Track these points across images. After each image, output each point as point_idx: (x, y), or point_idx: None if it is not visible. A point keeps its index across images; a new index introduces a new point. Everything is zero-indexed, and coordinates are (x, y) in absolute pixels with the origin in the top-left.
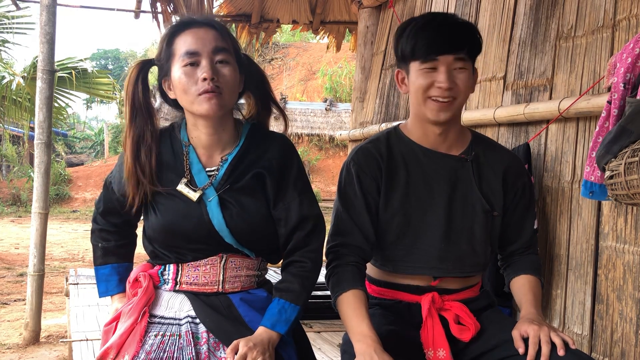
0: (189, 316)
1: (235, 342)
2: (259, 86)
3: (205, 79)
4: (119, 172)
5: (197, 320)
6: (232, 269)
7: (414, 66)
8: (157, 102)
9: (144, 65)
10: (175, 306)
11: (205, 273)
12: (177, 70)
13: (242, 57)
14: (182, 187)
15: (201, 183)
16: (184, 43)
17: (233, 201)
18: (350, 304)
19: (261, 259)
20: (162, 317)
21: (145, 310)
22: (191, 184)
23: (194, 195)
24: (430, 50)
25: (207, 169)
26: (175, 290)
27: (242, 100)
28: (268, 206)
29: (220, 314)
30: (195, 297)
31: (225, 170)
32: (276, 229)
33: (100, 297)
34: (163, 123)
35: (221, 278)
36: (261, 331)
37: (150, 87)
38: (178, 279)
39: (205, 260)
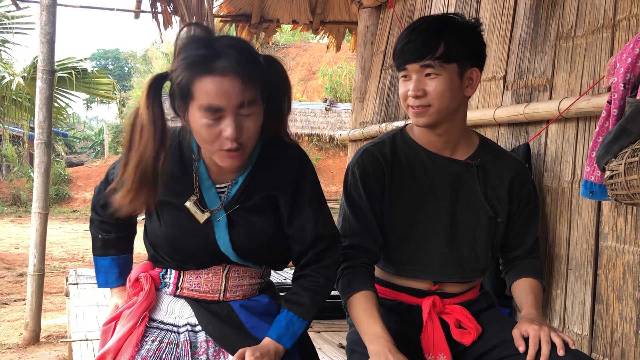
0: (188, 324)
1: (241, 350)
2: (275, 98)
3: (228, 139)
4: None
5: (197, 329)
6: (234, 279)
7: (399, 75)
8: None
9: (158, 83)
10: (175, 312)
11: (207, 281)
12: (198, 118)
13: (264, 70)
14: (190, 205)
15: (210, 201)
16: (206, 93)
17: (241, 221)
18: (362, 305)
19: (265, 266)
20: (161, 322)
21: (145, 315)
22: (200, 202)
23: (201, 217)
24: (399, 60)
25: (217, 186)
26: (176, 295)
27: None
28: (277, 224)
29: (223, 322)
30: (196, 304)
31: (236, 191)
32: (283, 245)
33: (99, 287)
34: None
35: (223, 287)
36: (267, 342)
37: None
38: (179, 284)
39: (208, 269)
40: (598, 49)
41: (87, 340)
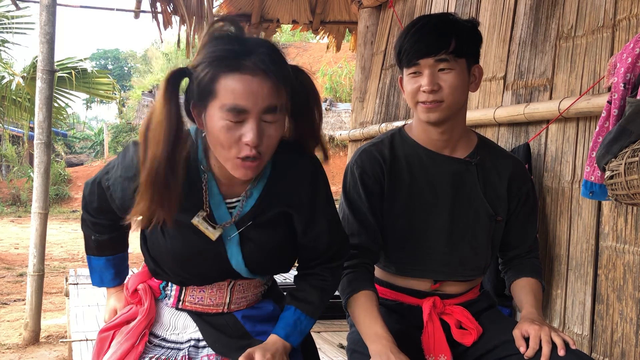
0: (192, 339)
1: (249, 350)
2: (306, 111)
3: (248, 145)
4: (121, 187)
5: (201, 344)
6: (239, 292)
7: (404, 72)
8: None
9: (177, 78)
10: (178, 327)
11: (211, 295)
12: (217, 119)
13: (292, 78)
14: (199, 221)
15: (220, 217)
16: (232, 92)
17: (253, 237)
18: (362, 305)
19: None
20: (163, 340)
21: (145, 334)
22: (209, 218)
23: (213, 233)
24: (411, 56)
25: (227, 201)
26: (177, 308)
27: None
28: (291, 237)
29: (228, 335)
30: (199, 318)
31: (252, 206)
32: (294, 253)
33: (93, 285)
34: None
35: (227, 300)
36: (275, 340)
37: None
38: (181, 297)
39: (212, 285)
40: (598, 49)
41: (86, 340)
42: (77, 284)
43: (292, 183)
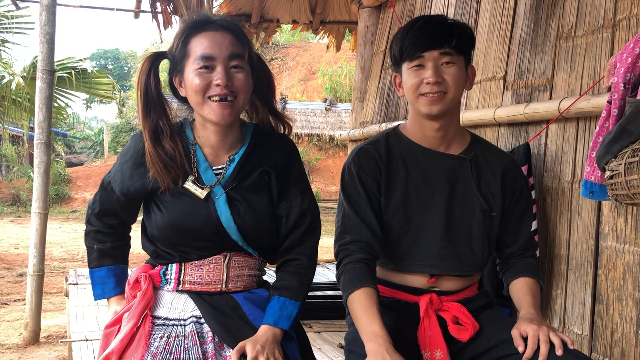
0: (193, 316)
1: (241, 343)
2: (264, 89)
3: (218, 85)
4: (120, 172)
5: (202, 320)
6: (235, 268)
7: (405, 67)
8: None
9: (156, 58)
10: (179, 307)
11: (209, 272)
12: (191, 72)
13: (254, 57)
14: (189, 185)
15: (208, 181)
16: (200, 45)
17: (240, 199)
18: (361, 303)
19: (262, 259)
20: (166, 319)
21: (146, 314)
22: (198, 181)
23: (201, 193)
24: (415, 48)
25: (214, 168)
26: (178, 291)
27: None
28: (272, 204)
29: (225, 315)
30: (199, 298)
31: (233, 168)
32: (277, 228)
33: (95, 299)
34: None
35: (225, 277)
36: (265, 329)
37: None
38: (181, 279)
39: (209, 259)
40: (598, 49)
41: (86, 340)
42: (77, 284)
43: (271, 149)
